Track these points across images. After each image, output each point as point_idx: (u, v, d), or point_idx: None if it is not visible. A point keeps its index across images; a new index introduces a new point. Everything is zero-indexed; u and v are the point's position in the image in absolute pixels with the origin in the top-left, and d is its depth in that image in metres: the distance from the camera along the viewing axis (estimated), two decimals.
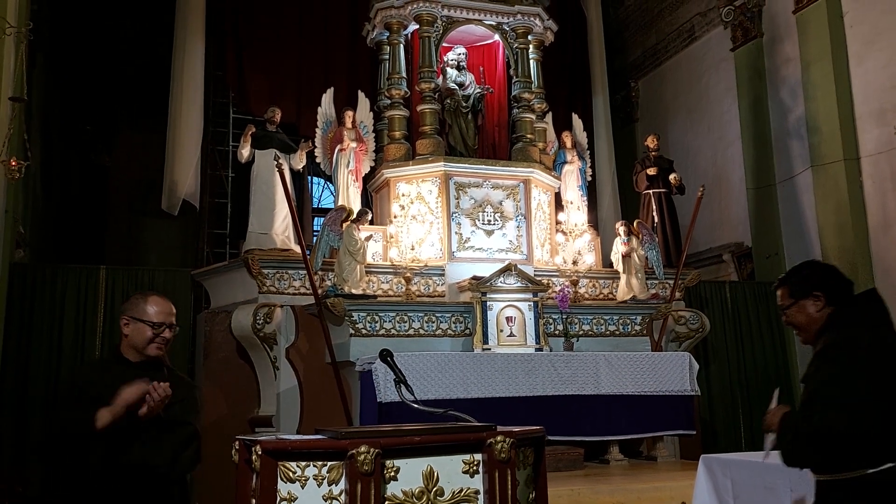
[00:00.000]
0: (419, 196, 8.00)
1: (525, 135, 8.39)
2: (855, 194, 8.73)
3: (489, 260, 7.76)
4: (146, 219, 11.28)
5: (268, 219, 7.57)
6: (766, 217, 9.90)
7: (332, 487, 2.33)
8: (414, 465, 2.40)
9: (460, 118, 8.50)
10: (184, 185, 8.57)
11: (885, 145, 8.42)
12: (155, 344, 3.03)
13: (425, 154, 8.03)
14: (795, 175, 9.51)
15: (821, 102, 9.06)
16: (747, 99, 10.19)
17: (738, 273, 10.44)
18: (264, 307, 7.03)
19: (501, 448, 2.45)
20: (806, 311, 2.62)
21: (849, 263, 8.70)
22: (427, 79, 8.16)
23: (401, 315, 7.17)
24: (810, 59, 9.22)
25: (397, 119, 8.33)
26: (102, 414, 2.70)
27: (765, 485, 3.46)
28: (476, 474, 2.47)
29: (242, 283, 7.40)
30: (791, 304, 2.66)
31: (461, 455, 2.46)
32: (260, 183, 7.68)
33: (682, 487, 5.54)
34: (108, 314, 7.23)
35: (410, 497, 2.38)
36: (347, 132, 8.07)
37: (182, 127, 8.68)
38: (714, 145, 10.95)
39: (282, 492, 2.35)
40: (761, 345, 9.36)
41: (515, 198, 8.09)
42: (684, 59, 11.63)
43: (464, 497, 2.44)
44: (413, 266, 7.54)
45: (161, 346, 3.05)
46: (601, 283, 8.41)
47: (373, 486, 2.30)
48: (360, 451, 2.29)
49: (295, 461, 2.35)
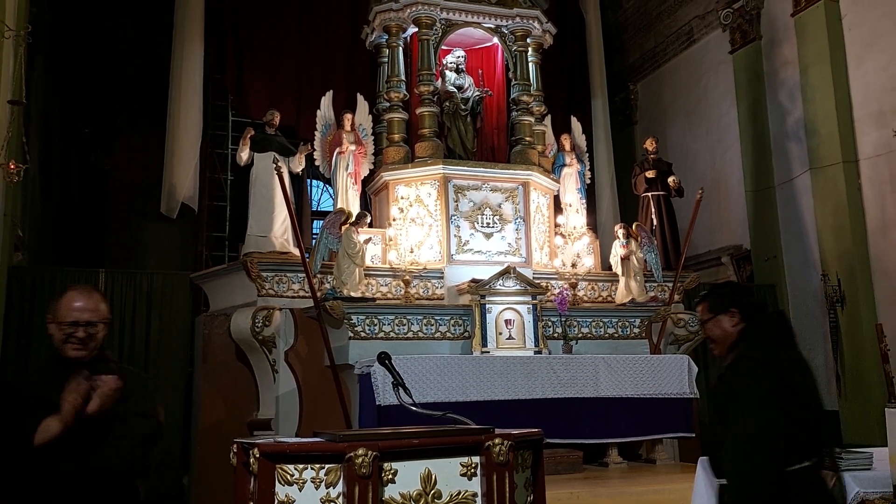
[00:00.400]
0: (418, 199, 8.00)
1: (524, 137, 8.39)
2: (853, 197, 8.74)
3: (488, 263, 7.75)
4: (146, 222, 11.29)
5: (267, 222, 7.56)
6: (764, 219, 9.91)
7: (330, 490, 2.33)
8: (412, 467, 2.40)
9: (459, 121, 8.51)
10: (182, 189, 8.58)
11: (883, 147, 8.43)
12: (69, 345, 2.72)
13: (424, 157, 8.04)
14: (794, 178, 9.52)
15: (819, 105, 9.07)
16: (746, 101, 10.20)
17: (738, 275, 10.44)
18: (263, 310, 7.03)
19: (499, 450, 2.45)
20: (722, 326, 2.88)
21: (847, 266, 8.72)
22: (426, 82, 8.17)
23: (400, 318, 7.17)
24: (809, 61, 9.23)
25: (396, 122, 8.33)
26: (50, 424, 2.50)
27: None
28: (474, 477, 2.47)
29: (241, 286, 7.40)
30: (710, 318, 2.92)
31: (459, 458, 2.46)
32: (259, 186, 7.68)
33: (681, 490, 5.53)
34: None
35: (408, 500, 2.38)
36: (346, 135, 8.07)
37: (181, 130, 8.69)
38: (713, 148, 10.96)
39: (280, 494, 2.35)
40: None
41: (514, 200, 8.09)
42: (683, 61, 11.64)
43: (462, 500, 2.44)
44: (412, 269, 7.53)
45: (77, 347, 2.72)
46: (600, 285, 8.41)
47: (371, 489, 2.30)
48: (358, 453, 2.29)
49: (293, 464, 2.35)
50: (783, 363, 2.70)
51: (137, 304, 7.46)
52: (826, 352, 9.01)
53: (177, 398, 7.35)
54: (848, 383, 8.70)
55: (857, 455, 3.25)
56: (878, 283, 8.57)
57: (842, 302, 8.77)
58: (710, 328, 2.92)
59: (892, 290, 8.40)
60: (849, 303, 8.71)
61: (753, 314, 2.87)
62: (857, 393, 8.57)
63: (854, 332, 8.63)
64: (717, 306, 2.91)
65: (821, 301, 9.05)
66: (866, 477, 3.11)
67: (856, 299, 8.63)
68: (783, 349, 2.78)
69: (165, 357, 7.39)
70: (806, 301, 9.34)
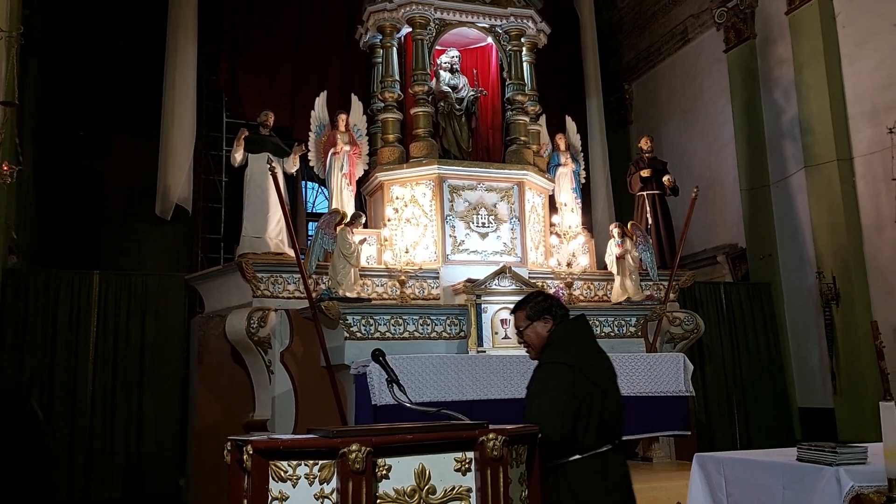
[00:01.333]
0: (413, 199, 7.99)
1: (519, 137, 8.39)
2: (848, 194, 8.75)
3: (483, 262, 7.74)
4: (141, 224, 11.24)
5: (261, 223, 7.55)
6: (760, 218, 9.92)
7: (324, 486, 2.32)
8: (406, 463, 2.39)
9: (454, 121, 8.49)
10: (177, 190, 8.56)
11: (877, 145, 8.45)
12: None
13: (419, 157, 8.03)
14: (789, 176, 9.54)
15: (814, 103, 9.09)
16: (741, 100, 10.22)
17: (733, 274, 10.46)
18: (258, 311, 7.02)
19: (493, 446, 2.44)
20: (537, 331, 3.16)
21: (842, 263, 8.74)
22: (420, 82, 8.16)
23: (395, 318, 7.16)
24: (803, 59, 9.25)
25: (391, 122, 8.33)
26: None
27: (757, 482, 3.45)
28: (468, 472, 2.46)
29: (237, 287, 7.38)
30: (527, 325, 3.19)
31: (453, 453, 2.45)
32: (253, 187, 7.66)
33: (677, 488, 5.53)
34: (102, 319, 7.23)
35: (402, 496, 2.37)
36: (341, 135, 8.06)
37: (175, 131, 8.67)
38: (708, 147, 10.98)
39: (273, 491, 2.33)
40: (756, 345, 9.39)
41: (510, 200, 8.08)
42: (678, 60, 11.66)
43: (456, 495, 2.43)
44: (407, 269, 7.52)
45: None
46: (595, 284, 8.40)
47: (364, 485, 2.29)
48: (352, 449, 2.28)
49: (286, 460, 2.34)
50: (584, 362, 3.01)
51: (132, 305, 7.43)
52: (821, 349, 9.03)
53: (173, 400, 7.32)
54: (843, 380, 8.71)
55: (853, 449, 3.25)
56: (873, 280, 8.59)
57: (837, 299, 8.78)
58: (528, 334, 3.18)
59: (886, 288, 8.42)
60: (844, 300, 8.72)
61: (563, 320, 3.16)
62: (853, 390, 8.58)
63: (849, 330, 8.64)
64: (534, 314, 3.17)
65: (816, 299, 9.06)
66: (861, 471, 3.11)
67: (851, 297, 8.65)
68: (585, 350, 3.10)
69: (161, 359, 7.37)
70: (801, 299, 9.35)
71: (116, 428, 7.02)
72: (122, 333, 7.30)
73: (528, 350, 3.23)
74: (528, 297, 3.29)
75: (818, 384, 9.14)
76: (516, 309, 3.27)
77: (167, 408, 7.24)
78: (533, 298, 3.26)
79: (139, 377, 7.21)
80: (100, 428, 6.97)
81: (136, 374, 7.21)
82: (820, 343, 9.03)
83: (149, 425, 7.13)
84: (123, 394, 7.11)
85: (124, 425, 7.07)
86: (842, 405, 8.74)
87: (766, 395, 9.28)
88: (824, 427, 8.77)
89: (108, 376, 7.09)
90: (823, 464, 3.15)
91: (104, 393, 7.05)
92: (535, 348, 3.18)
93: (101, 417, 7.01)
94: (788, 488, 3.27)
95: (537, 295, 3.34)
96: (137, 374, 7.23)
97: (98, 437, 6.92)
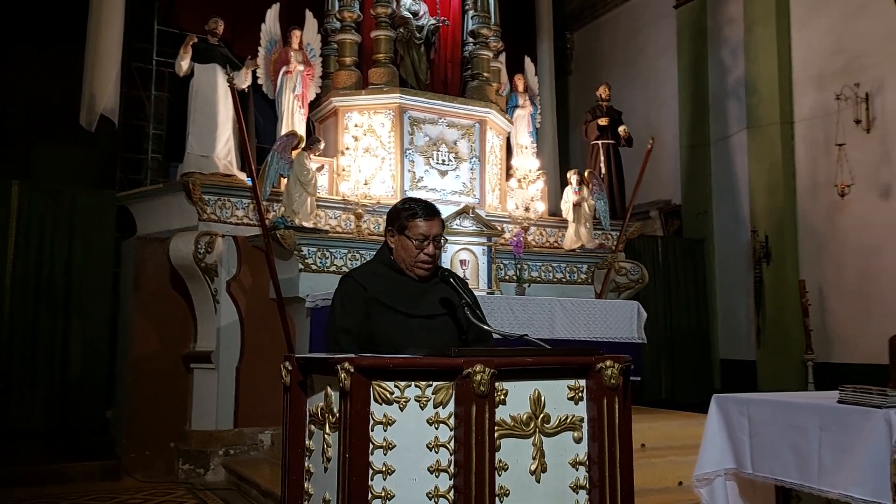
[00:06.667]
0: (370, 129, 7.57)
1: (482, 73, 8.10)
2: (788, 157, 9.02)
3: (442, 202, 7.41)
4: (43, 142, 10.15)
5: (209, 141, 6.96)
6: (697, 175, 10.11)
7: (440, 410, 2.05)
8: (522, 388, 2.16)
9: (413, 50, 8.08)
10: (102, 100, 7.72)
11: (820, 111, 8.71)
12: None
13: (379, 84, 7.60)
14: (731, 135, 9.74)
15: (762, 64, 9.26)
16: (687, 57, 10.30)
17: (664, 229, 10.66)
18: (206, 235, 6.49)
19: (611, 374, 2.25)
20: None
21: (776, 223, 9.04)
22: (383, 3, 7.70)
23: (353, 252, 6.84)
24: (754, 20, 9.38)
25: (348, 44, 7.83)
26: None
27: (789, 422, 3.42)
28: (580, 401, 2.26)
29: (179, 208, 6.80)
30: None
31: (566, 380, 2.24)
32: (200, 101, 7.04)
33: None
34: (23, 236, 6.45)
35: (518, 423, 2.14)
36: (294, 53, 7.51)
37: (102, 36, 7.76)
38: (649, 102, 11.04)
39: (376, 414, 2.05)
40: (686, 298, 9.63)
41: (470, 139, 7.82)
42: (624, 13, 11.62)
43: (570, 424, 2.23)
44: (366, 203, 7.16)
45: None
46: (548, 231, 8.33)
47: (488, 409, 2.04)
48: (476, 370, 2.03)
49: (394, 381, 2.05)
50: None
51: (58, 223, 6.64)
52: (749, 305, 9.38)
53: (101, 326, 6.66)
54: (767, 335, 9.08)
55: None
56: (804, 241, 8.94)
57: (768, 258, 9.10)
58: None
59: (816, 249, 8.79)
60: (775, 259, 9.05)
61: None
62: (776, 344, 8.96)
63: (778, 287, 9.00)
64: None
65: (748, 256, 9.37)
66: None
67: (782, 256, 8.99)
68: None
69: (89, 282, 6.64)
70: (733, 256, 9.64)
71: (38, 355, 6.32)
72: (47, 253, 6.52)
73: (430, 266, 2.72)
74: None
75: (742, 337, 9.51)
76: (439, 220, 2.77)
77: (95, 334, 6.57)
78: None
79: (65, 301, 6.49)
80: (20, 354, 6.25)
81: (61, 297, 6.49)
82: (748, 299, 9.36)
83: (75, 353, 6.46)
84: (47, 318, 6.39)
85: (47, 352, 6.36)
86: (764, 358, 9.13)
87: (694, 347, 9.57)
88: (744, 378, 9.16)
89: (28, 298, 6.35)
90: (871, 406, 3.13)
91: (25, 316, 6.32)
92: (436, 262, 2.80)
93: (21, 343, 6.29)
94: (826, 429, 3.24)
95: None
96: (63, 297, 6.51)
97: (18, 364, 6.22)
